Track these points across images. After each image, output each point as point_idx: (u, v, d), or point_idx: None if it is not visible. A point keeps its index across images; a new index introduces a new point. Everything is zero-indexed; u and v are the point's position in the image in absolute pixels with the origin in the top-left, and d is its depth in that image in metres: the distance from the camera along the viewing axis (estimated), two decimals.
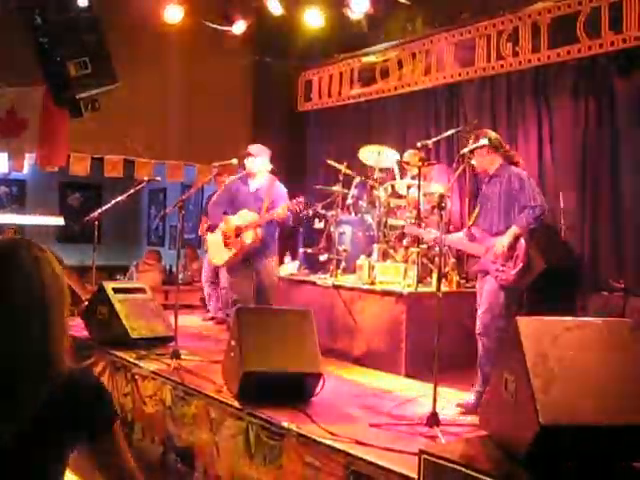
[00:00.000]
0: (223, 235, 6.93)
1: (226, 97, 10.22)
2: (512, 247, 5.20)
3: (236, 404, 5.02)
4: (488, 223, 5.41)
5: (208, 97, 10.01)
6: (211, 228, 7.27)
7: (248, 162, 6.97)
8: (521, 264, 5.17)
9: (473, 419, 4.65)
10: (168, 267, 12.93)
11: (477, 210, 5.59)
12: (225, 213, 7.01)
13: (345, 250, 7.78)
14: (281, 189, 7.04)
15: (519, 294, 5.56)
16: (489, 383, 4.51)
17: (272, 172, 7.15)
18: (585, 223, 7.26)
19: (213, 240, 7.09)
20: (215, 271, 9.28)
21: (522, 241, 5.21)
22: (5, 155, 9.83)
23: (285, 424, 4.56)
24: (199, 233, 9.74)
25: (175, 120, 9.81)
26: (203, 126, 9.93)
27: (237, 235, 6.82)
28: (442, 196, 5.03)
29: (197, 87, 9.93)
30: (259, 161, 6.95)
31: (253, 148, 7.03)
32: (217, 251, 7.04)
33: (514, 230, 5.21)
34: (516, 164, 5.50)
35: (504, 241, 5.22)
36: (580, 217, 7.28)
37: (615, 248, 6.99)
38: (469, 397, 5.28)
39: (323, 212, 8.24)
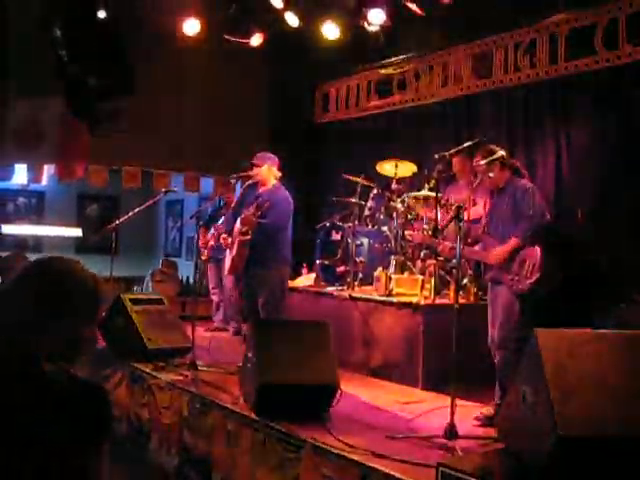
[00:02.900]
0: (224, 240, 7.01)
1: (243, 109, 10.26)
2: (521, 256, 5.25)
3: (253, 415, 5.01)
4: (499, 234, 5.47)
5: (226, 109, 10.05)
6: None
7: (253, 172, 6.99)
8: (538, 274, 5.20)
9: (490, 432, 4.62)
10: (185, 278, 12.94)
11: (486, 220, 5.65)
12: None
13: (362, 262, 7.77)
14: (279, 197, 6.95)
15: (535, 305, 5.55)
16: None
17: (281, 179, 7.13)
18: (604, 236, 7.20)
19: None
20: (219, 277, 9.37)
21: (537, 250, 5.24)
22: (24, 166, 9.91)
23: (302, 436, 4.56)
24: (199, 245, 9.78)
25: (193, 132, 9.85)
26: (221, 138, 9.97)
27: (234, 241, 6.87)
28: (459, 208, 5.02)
29: (215, 99, 9.98)
30: (264, 170, 6.96)
31: (257, 158, 7.04)
32: (227, 258, 7.10)
33: (512, 241, 5.32)
34: (523, 176, 5.62)
35: (500, 253, 5.34)
36: (599, 230, 7.23)
37: (634, 261, 6.94)
38: (487, 410, 5.27)
39: (340, 224, 8.24)
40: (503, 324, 5.29)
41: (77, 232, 12.37)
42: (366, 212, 8.14)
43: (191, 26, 8.63)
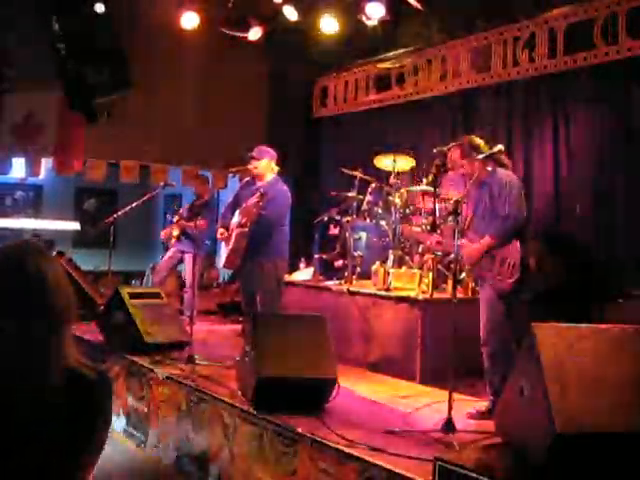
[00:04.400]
0: (221, 235, 6.99)
1: (242, 103, 10.25)
2: (502, 254, 5.18)
3: (250, 409, 5.01)
4: (481, 229, 5.35)
5: (224, 103, 10.03)
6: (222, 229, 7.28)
7: (251, 165, 6.97)
8: (518, 274, 5.12)
9: (488, 426, 4.62)
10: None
11: (470, 215, 5.57)
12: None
13: (360, 256, 7.76)
14: (278, 190, 6.93)
15: (523, 303, 5.52)
16: (499, 392, 4.51)
17: (279, 174, 7.10)
18: (602, 232, 7.21)
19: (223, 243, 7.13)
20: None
21: (517, 248, 5.17)
22: (22, 160, 9.90)
23: (299, 430, 4.56)
24: (162, 237, 9.78)
25: (191, 126, 9.83)
26: (219, 132, 9.96)
27: (230, 235, 6.85)
28: (457, 202, 4.99)
29: (213, 93, 9.96)
30: (263, 164, 6.94)
31: (256, 151, 7.02)
32: (223, 252, 7.08)
33: (486, 240, 5.22)
34: (504, 166, 5.46)
35: (471, 252, 5.28)
36: (597, 226, 7.24)
37: (632, 257, 6.95)
38: (480, 405, 5.28)
39: (338, 218, 8.23)
40: (487, 321, 5.25)
41: (75, 226, 12.37)
42: (364, 206, 8.13)
43: (189, 20, 8.60)
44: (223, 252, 7.07)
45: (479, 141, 5.49)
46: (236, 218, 6.81)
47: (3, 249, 1.98)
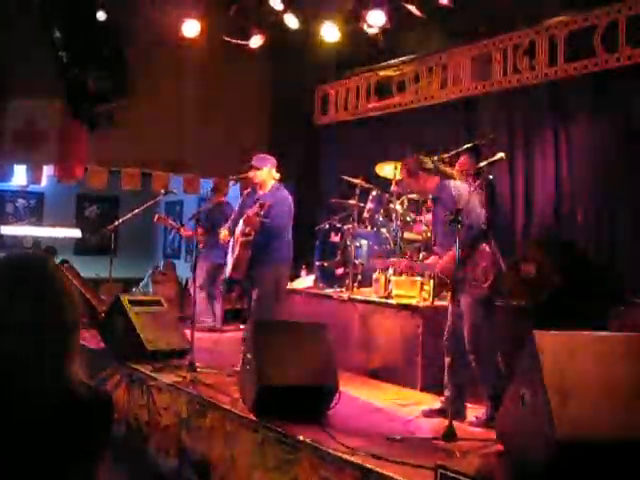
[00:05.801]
0: (224, 238, 7.01)
1: (243, 111, 10.27)
2: (473, 261, 5.20)
3: (252, 417, 5.01)
4: (446, 242, 5.36)
5: (225, 111, 10.05)
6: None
7: (252, 174, 6.98)
8: (492, 277, 5.15)
9: (489, 434, 4.61)
10: (184, 280, 12.95)
11: (433, 230, 5.60)
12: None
13: (361, 264, 7.77)
14: (280, 197, 6.94)
15: (504, 307, 5.52)
16: (494, 398, 4.52)
17: (280, 180, 7.11)
18: (603, 238, 7.21)
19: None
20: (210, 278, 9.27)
21: (486, 251, 5.19)
22: (24, 167, 9.92)
23: (300, 437, 4.55)
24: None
25: (192, 133, 9.85)
26: (220, 139, 9.97)
27: (235, 244, 6.86)
28: (459, 211, 4.97)
29: (214, 101, 9.98)
30: (264, 172, 6.94)
31: (256, 159, 7.02)
32: (229, 262, 7.09)
33: (452, 252, 5.18)
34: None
35: (443, 265, 5.32)
36: (598, 232, 7.24)
37: (634, 263, 6.95)
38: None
39: (339, 225, 8.23)
40: (469, 329, 5.24)
41: (76, 233, 12.39)
42: (365, 214, 8.14)
43: (191, 28, 8.62)
44: (229, 261, 7.08)
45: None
46: (240, 227, 6.83)
47: (10, 259, 1.98)
